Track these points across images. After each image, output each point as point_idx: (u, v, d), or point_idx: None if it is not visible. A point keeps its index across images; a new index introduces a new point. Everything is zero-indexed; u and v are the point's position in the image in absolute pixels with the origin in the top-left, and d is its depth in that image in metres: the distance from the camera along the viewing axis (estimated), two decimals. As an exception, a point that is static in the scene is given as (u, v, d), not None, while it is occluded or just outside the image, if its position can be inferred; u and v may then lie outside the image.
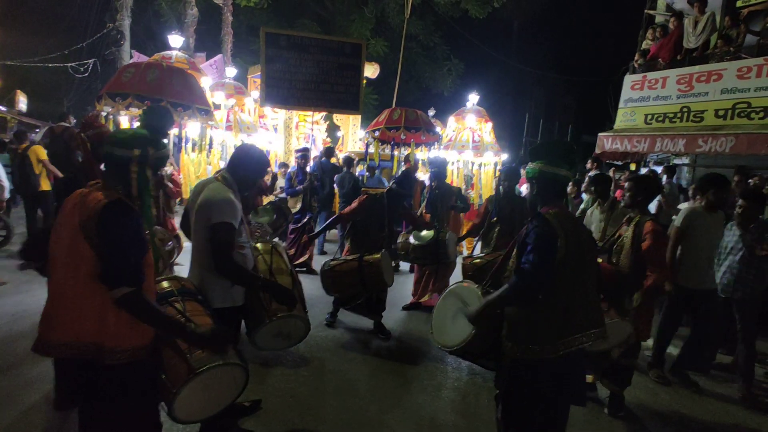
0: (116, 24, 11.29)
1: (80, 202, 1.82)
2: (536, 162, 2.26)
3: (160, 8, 17.05)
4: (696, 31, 8.08)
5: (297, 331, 2.77)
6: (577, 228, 2.21)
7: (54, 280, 1.81)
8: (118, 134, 1.97)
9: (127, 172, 1.88)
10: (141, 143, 1.91)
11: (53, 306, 1.80)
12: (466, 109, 9.62)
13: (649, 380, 4.10)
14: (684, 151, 7.68)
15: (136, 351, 1.82)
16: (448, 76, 21.78)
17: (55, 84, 19.40)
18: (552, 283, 2.06)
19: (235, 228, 2.38)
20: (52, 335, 1.77)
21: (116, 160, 1.89)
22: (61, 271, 1.79)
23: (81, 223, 1.76)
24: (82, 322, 1.75)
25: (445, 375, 3.96)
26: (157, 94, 5.19)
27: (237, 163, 2.57)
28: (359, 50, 7.93)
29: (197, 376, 1.83)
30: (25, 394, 3.05)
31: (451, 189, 5.74)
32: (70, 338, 1.75)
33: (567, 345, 2.07)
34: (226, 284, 2.44)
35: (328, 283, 4.32)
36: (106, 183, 1.87)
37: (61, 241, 1.81)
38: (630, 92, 8.83)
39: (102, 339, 1.75)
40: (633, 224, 3.25)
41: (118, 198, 1.82)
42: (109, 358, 1.76)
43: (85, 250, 1.75)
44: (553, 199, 2.24)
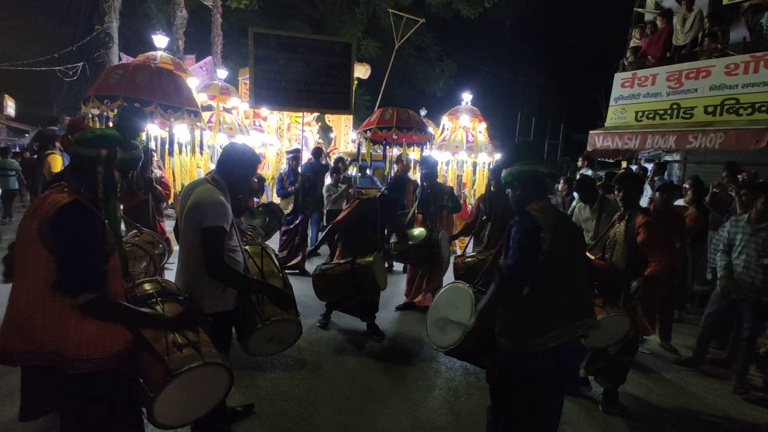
0: (104, 26, 11.19)
1: (39, 206, 1.73)
2: (511, 166, 2.34)
3: (149, 10, 16.94)
4: (684, 28, 8.13)
5: (289, 335, 2.73)
6: (564, 221, 2.26)
7: (14, 287, 1.73)
8: (86, 133, 1.88)
9: (93, 173, 1.81)
10: (108, 143, 1.84)
11: (13, 313, 1.71)
12: (460, 108, 9.60)
13: (642, 376, 4.11)
14: (674, 147, 7.72)
15: (104, 360, 1.73)
16: (441, 77, 21.79)
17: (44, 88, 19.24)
18: (541, 276, 2.09)
19: (227, 231, 2.33)
20: (13, 343, 1.69)
21: (82, 160, 1.82)
22: (21, 278, 1.72)
23: (37, 227, 1.68)
24: (41, 330, 1.67)
25: (438, 375, 3.94)
26: (148, 95, 5.12)
27: (226, 163, 2.50)
28: (349, 50, 7.89)
29: (176, 377, 1.76)
30: (8, 406, 2.99)
31: (442, 188, 5.73)
32: (33, 347, 1.67)
33: (559, 336, 2.08)
34: (217, 288, 2.40)
35: (319, 287, 4.28)
36: (69, 184, 1.78)
37: (22, 247, 1.73)
38: (620, 90, 8.87)
39: (63, 347, 1.67)
40: (624, 220, 3.27)
41: (75, 199, 1.72)
42: (71, 366, 1.68)
43: (42, 256, 1.67)
44: (537, 195, 2.28)
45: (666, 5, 9.79)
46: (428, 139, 8.31)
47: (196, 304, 2.34)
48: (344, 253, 4.52)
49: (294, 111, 9.50)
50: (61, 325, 1.68)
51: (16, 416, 1.69)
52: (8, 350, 1.68)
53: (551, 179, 6.10)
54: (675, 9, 8.94)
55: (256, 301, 2.56)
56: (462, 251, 6.55)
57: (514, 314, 2.16)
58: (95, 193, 1.81)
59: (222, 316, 2.45)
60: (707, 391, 3.96)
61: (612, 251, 3.31)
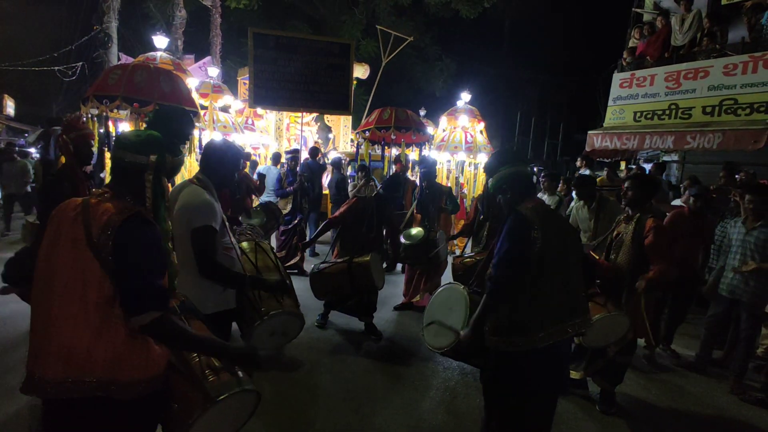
0: (103, 26, 11.18)
1: (84, 215, 1.53)
2: (497, 172, 2.36)
3: (148, 10, 16.94)
4: (683, 28, 8.15)
5: (292, 328, 2.75)
6: (555, 218, 2.27)
7: (46, 307, 1.50)
8: (131, 137, 1.68)
9: (141, 181, 1.64)
10: (158, 148, 1.66)
11: (47, 338, 1.48)
12: (458, 108, 9.59)
13: (640, 376, 4.12)
14: (673, 147, 7.75)
15: (152, 381, 1.57)
16: (440, 76, 21.80)
17: (43, 88, 19.22)
18: (532, 275, 2.09)
19: (216, 230, 2.31)
20: (49, 373, 1.46)
21: (128, 167, 1.63)
22: (60, 297, 1.48)
23: (90, 241, 1.49)
24: (89, 356, 1.46)
25: (436, 375, 3.95)
26: (146, 95, 5.15)
27: (209, 162, 2.47)
28: (348, 50, 7.92)
29: (216, 404, 1.64)
30: (8, 405, 2.99)
31: (441, 189, 5.74)
32: (74, 374, 1.46)
33: (551, 335, 2.09)
34: (219, 288, 2.40)
35: (317, 286, 4.29)
36: (115, 193, 1.61)
37: (58, 261, 1.52)
38: (619, 90, 8.90)
39: (115, 372, 1.49)
40: (634, 222, 3.26)
41: (138, 211, 1.57)
42: (123, 393, 1.50)
43: (94, 272, 1.49)
44: (526, 195, 2.30)
45: (664, 5, 9.81)
46: (427, 139, 8.32)
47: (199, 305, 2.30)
48: (342, 252, 4.53)
49: (293, 111, 9.52)
50: (112, 348, 1.50)
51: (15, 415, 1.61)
52: (45, 379, 1.47)
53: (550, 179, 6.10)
54: (673, 9, 8.97)
55: (253, 297, 2.57)
56: (461, 251, 6.56)
57: (505, 313, 2.16)
58: (143, 203, 1.65)
59: (224, 315, 2.46)
60: (705, 391, 3.97)
61: (618, 252, 3.31)
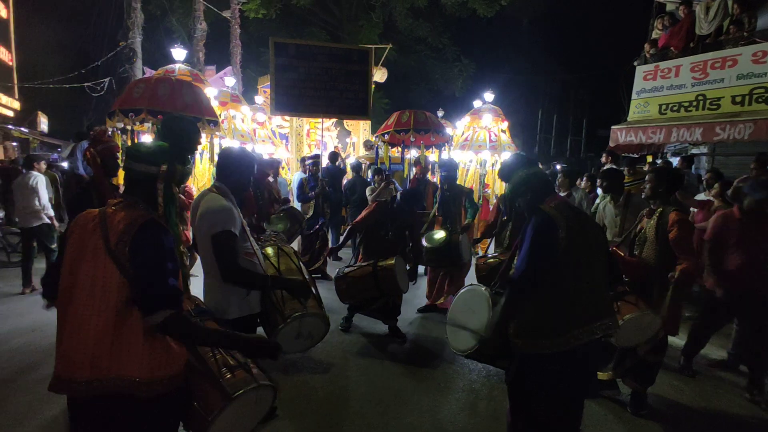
0: (128, 42, 11.56)
1: (101, 224, 1.64)
2: (512, 177, 2.34)
3: (170, 24, 17.41)
4: (708, 17, 7.91)
5: (317, 329, 2.78)
6: (579, 217, 2.19)
7: (71, 312, 1.60)
8: (140, 148, 1.78)
9: (152, 189, 1.74)
10: (167, 158, 1.76)
11: (73, 341, 1.58)
12: (482, 107, 9.53)
13: (672, 376, 4.00)
14: (701, 140, 7.51)
15: (172, 379, 1.67)
16: (459, 77, 21.71)
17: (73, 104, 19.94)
18: (557, 276, 2.04)
19: (235, 234, 2.34)
20: (76, 373, 1.56)
21: (140, 177, 1.73)
22: (83, 302, 1.59)
23: (108, 248, 1.59)
24: (113, 356, 1.57)
25: (461, 376, 3.92)
26: (169, 107, 5.29)
27: (224, 169, 2.54)
28: (367, 57, 7.97)
29: (233, 401, 1.72)
30: (45, 408, 3.12)
31: (462, 190, 5.71)
32: (98, 374, 1.56)
33: (577, 337, 2.04)
34: (242, 292, 2.44)
35: (342, 290, 4.31)
36: (129, 201, 1.71)
37: (81, 270, 1.61)
38: (642, 83, 8.68)
39: (136, 371, 1.59)
40: (656, 216, 3.18)
41: (151, 218, 1.67)
42: (146, 390, 1.59)
43: (114, 278, 1.58)
44: (545, 194, 2.26)
45: (688, -6, 9.54)
46: (446, 140, 8.29)
47: (223, 310, 2.40)
48: (366, 256, 4.55)
49: (313, 117, 9.63)
50: (133, 348, 1.60)
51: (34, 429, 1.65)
52: (72, 379, 1.56)
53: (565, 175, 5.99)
54: (697, -2, 8.71)
55: (277, 300, 2.60)
56: (484, 252, 6.50)
57: (530, 315, 2.12)
58: (155, 210, 1.74)
59: (248, 319, 2.50)
60: (740, 392, 3.81)
61: (642, 247, 3.23)
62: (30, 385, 3.42)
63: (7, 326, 4.62)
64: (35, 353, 3.96)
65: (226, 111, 8.55)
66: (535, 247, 2.05)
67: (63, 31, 19.10)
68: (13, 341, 4.26)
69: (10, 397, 3.29)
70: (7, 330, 4.53)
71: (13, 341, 4.26)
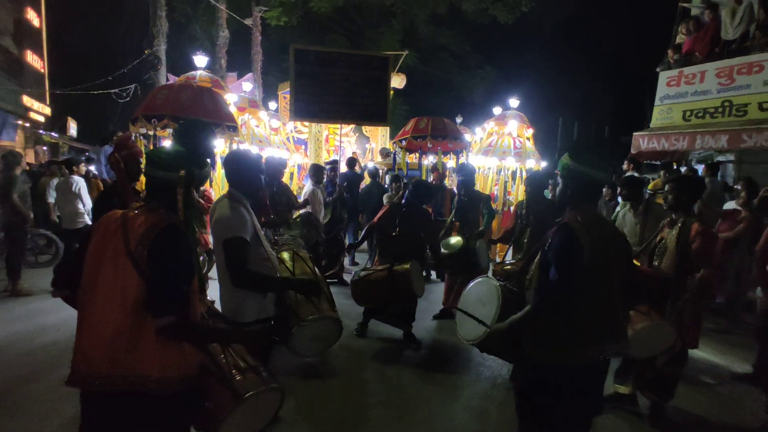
0: (154, 50, 11.88)
1: (123, 226, 1.68)
2: (573, 160, 2.10)
3: (194, 32, 17.82)
4: (734, 22, 7.73)
5: (331, 332, 2.82)
6: (605, 236, 2.06)
7: (90, 310, 1.66)
8: (159, 155, 1.82)
9: (172, 194, 1.78)
10: (185, 163, 1.80)
11: (92, 337, 1.64)
12: (507, 113, 9.48)
13: (692, 389, 3.88)
14: (727, 147, 7.32)
15: (185, 379, 1.71)
16: (481, 84, 21.65)
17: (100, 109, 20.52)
18: (575, 292, 1.99)
19: (246, 240, 2.36)
20: (93, 368, 1.62)
21: (160, 183, 1.77)
22: (103, 301, 1.64)
23: (128, 250, 1.64)
24: (129, 354, 1.62)
25: (477, 384, 3.88)
26: (191, 113, 5.41)
27: (231, 174, 2.57)
28: (387, 64, 8.02)
29: (244, 401, 1.78)
30: (67, 407, 3.20)
31: (479, 196, 5.67)
32: (115, 371, 1.61)
33: (587, 354, 2.00)
34: (257, 296, 2.47)
35: (358, 294, 4.33)
36: (150, 206, 1.75)
37: (101, 269, 1.66)
38: (666, 89, 8.53)
39: (151, 370, 1.63)
40: (678, 226, 3.11)
41: (172, 223, 1.71)
42: (159, 389, 1.63)
43: (132, 279, 1.63)
44: (585, 201, 2.11)
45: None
46: (464, 146, 8.26)
47: (239, 314, 2.43)
48: (382, 259, 4.57)
49: (332, 123, 9.74)
50: (149, 347, 1.65)
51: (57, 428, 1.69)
52: (90, 375, 1.63)
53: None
54: (722, 2, 8.52)
55: (291, 304, 2.65)
56: (501, 258, 6.44)
57: (544, 325, 2.08)
58: (175, 214, 1.77)
59: (264, 323, 2.53)
60: (762, 405, 3.67)
61: (661, 258, 3.16)
62: (53, 384, 3.52)
63: (33, 325, 4.77)
64: (59, 352, 4.08)
65: (243, 116, 8.69)
66: (559, 264, 1.97)
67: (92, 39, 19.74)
68: (37, 340, 4.39)
69: (34, 395, 3.39)
70: (32, 328, 4.67)
71: (37, 340, 4.39)
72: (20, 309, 5.27)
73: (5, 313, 5.09)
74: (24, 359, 3.99)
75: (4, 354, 4.09)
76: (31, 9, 14.12)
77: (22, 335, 4.49)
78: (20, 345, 4.28)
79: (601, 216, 2.21)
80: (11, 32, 13.29)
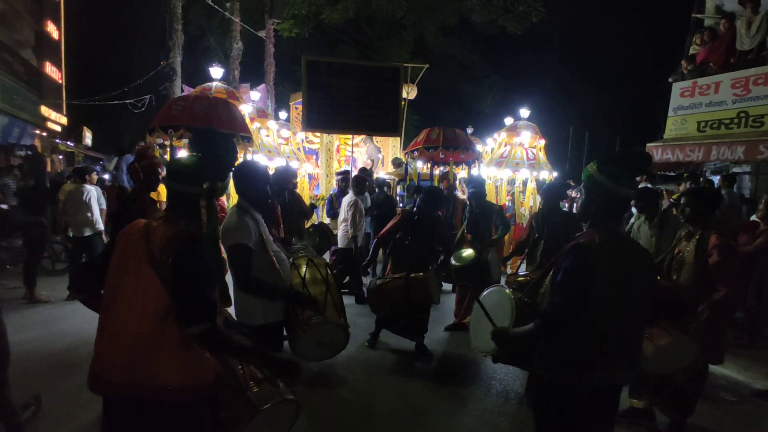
0: (169, 61, 12.09)
1: (146, 236, 1.72)
2: (600, 172, 1.97)
3: (208, 44, 18.11)
4: (750, 32, 7.66)
5: (337, 338, 2.86)
6: (626, 258, 1.94)
7: (112, 317, 1.69)
8: (182, 168, 1.85)
9: (194, 206, 1.82)
10: (208, 176, 1.84)
11: (112, 344, 1.67)
12: (519, 124, 9.47)
13: (713, 406, 3.79)
14: (744, 158, 7.21)
15: (202, 389, 1.74)
16: (489, 94, 21.67)
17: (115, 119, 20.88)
18: (587, 315, 1.88)
19: (247, 246, 2.44)
20: (112, 374, 1.65)
21: (182, 196, 1.81)
22: (124, 308, 1.67)
23: (151, 259, 1.67)
24: (147, 361, 1.64)
25: (489, 398, 3.83)
26: (206, 123, 5.48)
27: (238, 185, 2.64)
28: (398, 74, 8.07)
29: (260, 413, 1.78)
30: (83, 414, 3.23)
31: (491, 208, 5.65)
32: (133, 378, 1.64)
33: (594, 379, 1.92)
34: (267, 301, 2.57)
35: (374, 302, 4.33)
36: (172, 217, 1.79)
37: (124, 277, 1.70)
38: (679, 100, 8.45)
39: (169, 378, 1.66)
40: (695, 239, 3.06)
41: (193, 234, 1.75)
42: (176, 397, 1.66)
43: (154, 287, 1.66)
44: (606, 218, 1.99)
45: (728, 9, 9.28)
46: (475, 157, 8.25)
47: (248, 318, 2.52)
48: (396, 268, 4.56)
49: (344, 134, 9.80)
50: (168, 355, 1.67)
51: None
52: (112, 382, 1.65)
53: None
54: (738, 12, 8.46)
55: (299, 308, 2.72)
56: (514, 271, 6.39)
57: (553, 345, 2.00)
58: (197, 225, 1.82)
59: (273, 327, 2.64)
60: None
61: (679, 271, 3.11)
62: (70, 390, 3.54)
63: (50, 331, 4.81)
64: (76, 358, 4.11)
65: (252, 125, 8.78)
66: (567, 285, 1.88)
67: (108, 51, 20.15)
68: (55, 346, 4.43)
69: (50, 401, 3.40)
70: (50, 335, 4.71)
71: (55, 346, 4.43)
72: (37, 315, 5.33)
73: (23, 319, 5.14)
74: (41, 365, 4.03)
75: (22, 360, 4.11)
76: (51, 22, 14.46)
77: (39, 341, 4.53)
78: (39, 351, 4.31)
79: (624, 235, 2.07)
80: (32, 45, 13.60)
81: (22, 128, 13.50)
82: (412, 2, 17.66)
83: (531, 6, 17.47)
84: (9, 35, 11.63)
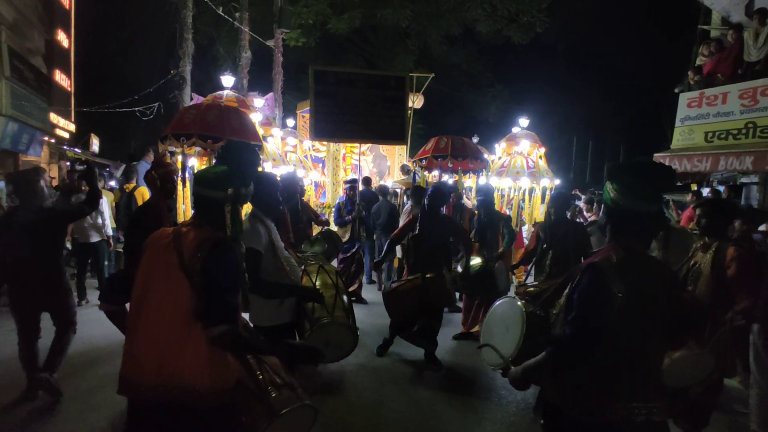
0: (179, 70, 12.21)
1: (176, 242, 1.78)
2: (612, 185, 1.83)
3: (217, 53, 18.29)
4: (757, 43, 7.70)
5: (345, 340, 2.95)
6: (646, 280, 1.77)
7: (142, 321, 1.74)
8: (208, 175, 1.93)
9: (220, 212, 1.88)
10: (232, 183, 1.90)
11: (143, 347, 1.72)
12: (518, 134, 9.51)
13: (728, 418, 3.76)
14: (752, 169, 7.22)
15: (224, 393, 1.77)
16: (493, 103, 21.75)
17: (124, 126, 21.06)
18: (603, 344, 1.73)
19: (257, 251, 2.59)
20: (142, 377, 1.69)
21: (208, 201, 1.88)
22: (154, 311, 1.72)
23: (182, 263, 1.73)
24: (177, 363, 1.68)
25: (498, 408, 3.82)
26: (218, 132, 5.52)
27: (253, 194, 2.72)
28: (403, 83, 8.12)
29: (279, 417, 1.80)
30: (92, 416, 3.25)
31: (499, 216, 5.66)
32: (163, 380, 1.67)
33: (611, 412, 1.74)
34: (274, 303, 2.67)
35: (391, 304, 4.34)
36: (199, 223, 1.86)
37: (153, 282, 1.76)
38: (686, 110, 8.48)
39: (197, 380, 1.69)
40: (712, 250, 3.05)
41: (222, 239, 1.81)
42: (202, 401, 1.69)
43: (184, 290, 1.72)
44: (626, 236, 1.82)
45: (734, 20, 9.34)
46: (484, 166, 8.27)
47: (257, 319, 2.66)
48: (411, 269, 4.58)
49: (351, 142, 9.85)
50: (196, 357, 1.70)
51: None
52: (142, 384, 1.69)
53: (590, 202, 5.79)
54: (745, 24, 8.51)
55: (307, 310, 2.85)
56: (522, 280, 6.38)
57: (566, 375, 1.85)
58: (223, 231, 1.87)
59: (282, 328, 2.73)
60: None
61: (695, 283, 3.10)
62: (80, 394, 3.57)
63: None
64: (85, 363, 4.09)
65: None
66: (582, 311, 1.74)
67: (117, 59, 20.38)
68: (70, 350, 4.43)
69: (59, 405, 3.43)
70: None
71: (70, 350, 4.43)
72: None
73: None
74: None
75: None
76: (61, 31, 14.62)
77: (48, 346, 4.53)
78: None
79: (645, 254, 1.87)
80: (42, 53, 13.76)
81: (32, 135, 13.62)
82: (417, 12, 17.80)
83: (535, 16, 17.57)
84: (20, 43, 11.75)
